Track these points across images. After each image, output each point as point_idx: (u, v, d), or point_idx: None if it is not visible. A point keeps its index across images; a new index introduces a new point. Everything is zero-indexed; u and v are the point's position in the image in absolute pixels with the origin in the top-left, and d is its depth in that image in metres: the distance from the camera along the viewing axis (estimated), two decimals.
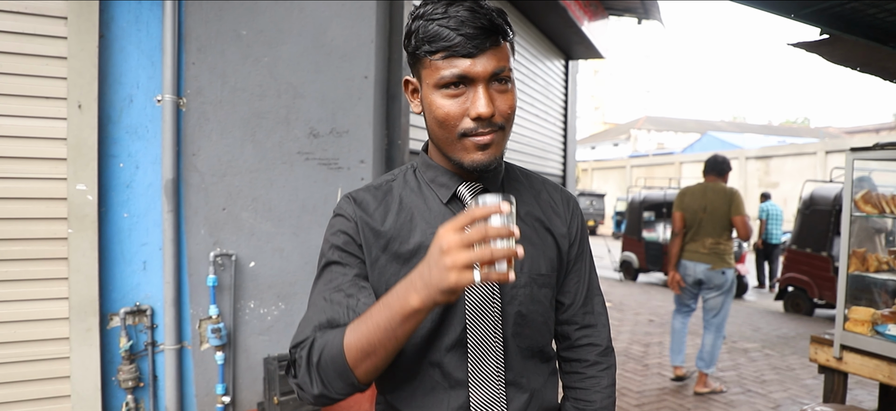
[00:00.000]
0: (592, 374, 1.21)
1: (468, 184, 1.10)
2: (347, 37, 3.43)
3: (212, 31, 3.00)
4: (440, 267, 0.82)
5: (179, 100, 2.92)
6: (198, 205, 2.98)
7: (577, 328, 1.22)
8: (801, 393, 4.91)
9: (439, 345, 1.06)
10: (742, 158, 22.70)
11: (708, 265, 4.64)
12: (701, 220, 4.68)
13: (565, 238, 1.20)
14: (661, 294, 10.17)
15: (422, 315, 0.87)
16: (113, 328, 2.77)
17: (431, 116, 1.02)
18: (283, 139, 3.23)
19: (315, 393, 0.95)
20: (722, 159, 4.84)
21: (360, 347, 0.91)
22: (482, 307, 1.06)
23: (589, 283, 1.24)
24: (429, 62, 0.99)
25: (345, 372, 0.93)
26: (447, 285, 0.81)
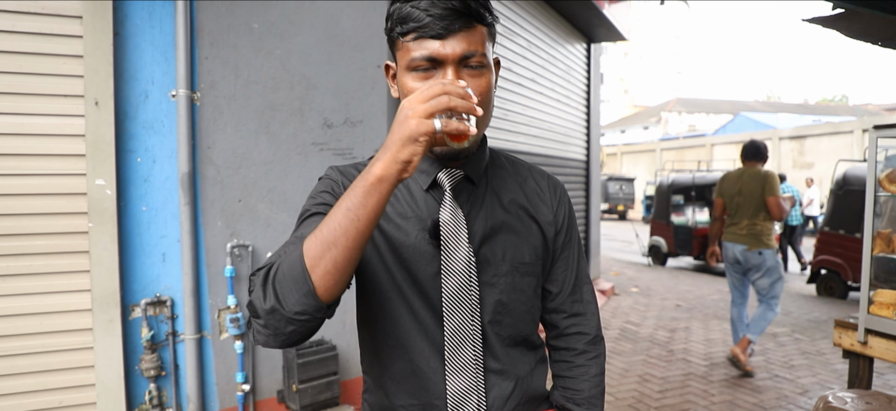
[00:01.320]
0: (581, 363, 1.20)
1: (448, 171, 1.09)
2: (359, 27, 3.44)
3: (224, 25, 3.04)
4: (401, 120, 0.82)
5: (193, 94, 2.96)
6: (214, 198, 3.03)
7: (565, 316, 1.21)
8: (830, 378, 4.80)
9: (417, 333, 1.06)
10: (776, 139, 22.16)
11: (745, 246, 4.75)
12: (738, 204, 4.82)
13: (551, 225, 1.18)
14: (689, 279, 10.02)
15: (384, 185, 0.83)
16: (134, 319, 2.85)
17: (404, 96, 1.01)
18: (297, 130, 3.27)
19: (266, 308, 0.85)
20: (759, 144, 4.95)
21: (319, 242, 0.84)
22: (459, 294, 1.06)
23: (577, 271, 1.23)
24: (401, 44, 1.00)
25: (301, 278, 0.84)
26: (406, 132, 0.81)
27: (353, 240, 0.84)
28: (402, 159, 0.81)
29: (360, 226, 0.83)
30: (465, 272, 1.06)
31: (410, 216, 1.07)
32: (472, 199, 1.11)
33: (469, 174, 1.11)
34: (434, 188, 1.10)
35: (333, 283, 0.85)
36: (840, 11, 2.85)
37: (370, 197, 0.83)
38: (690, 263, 12.17)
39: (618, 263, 11.75)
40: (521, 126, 5.88)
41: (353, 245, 0.84)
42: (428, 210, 1.08)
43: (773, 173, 4.74)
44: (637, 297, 8.15)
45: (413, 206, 1.08)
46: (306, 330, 0.88)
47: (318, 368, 3.08)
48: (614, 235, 18.62)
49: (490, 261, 1.09)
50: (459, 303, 1.06)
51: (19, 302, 2.62)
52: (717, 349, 5.60)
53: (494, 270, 1.09)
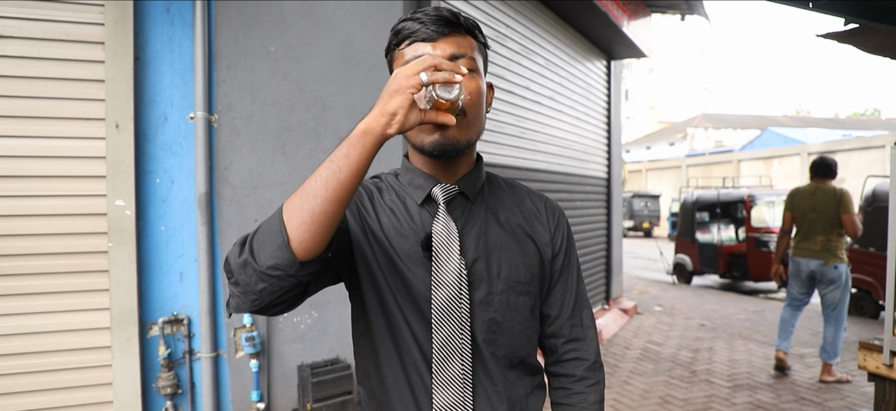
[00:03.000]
0: (579, 390, 1.19)
1: (442, 186, 1.11)
2: (375, 48, 3.48)
3: (241, 48, 3.11)
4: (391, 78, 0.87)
5: (211, 116, 3.03)
6: (231, 218, 3.08)
7: (564, 341, 1.21)
8: (859, 401, 4.66)
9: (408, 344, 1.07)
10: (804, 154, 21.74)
11: (820, 261, 4.93)
12: (811, 220, 4.99)
13: (548, 246, 1.19)
14: (715, 297, 9.84)
15: (369, 138, 0.85)
16: (152, 337, 2.90)
17: None
18: (312, 151, 3.31)
19: (239, 261, 0.86)
20: (830, 161, 5.11)
21: (298, 194, 0.85)
22: (449, 305, 1.06)
23: (576, 295, 1.23)
24: (397, 54, 1.06)
25: (277, 230, 0.84)
26: (394, 86, 0.85)
27: (332, 191, 0.84)
28: (389, 111, 0.84)
29: (341, 177, 0.84)
30: (455, 284, 1.06)
31: (406, 229, 1.09)
32: (467, 215, 1.13)
33: (464, 190, 1.14)
34: (429, 203, 1.12)
35: (309, 236, 0.84)
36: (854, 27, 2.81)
37: (354, 148, 0.85)
38: (716, 281, 11.95)
39: (642, 281, 11.60)
40: (540, 144, 5.87)
41: (332, 197, 0.84)
42: (423, 224, 1.10)
43: (848, 191, 4.91)
44: (660, 316, 8.02)
45: (408, 220, 1.10)
46: (278, 290, 0.87)
47: (332, 387, 3.09)
48: (639, 253, 18.39)
49: (485, 277, 1.10)
50: (449, 315, 1.06)
51: (40, 320, 2.69)
52: (741, 370, 5.48)
53: (489, 288, 1.10)
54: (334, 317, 3.32)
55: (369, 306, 1.09)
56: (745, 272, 10.47)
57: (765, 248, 10.10)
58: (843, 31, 2.89)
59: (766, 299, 9.80)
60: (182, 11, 2.95)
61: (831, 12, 2.60)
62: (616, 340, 6.60)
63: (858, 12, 2.61)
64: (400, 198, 1.13)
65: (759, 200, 10.87)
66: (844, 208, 4.82)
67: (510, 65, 5.07)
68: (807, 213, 5.02)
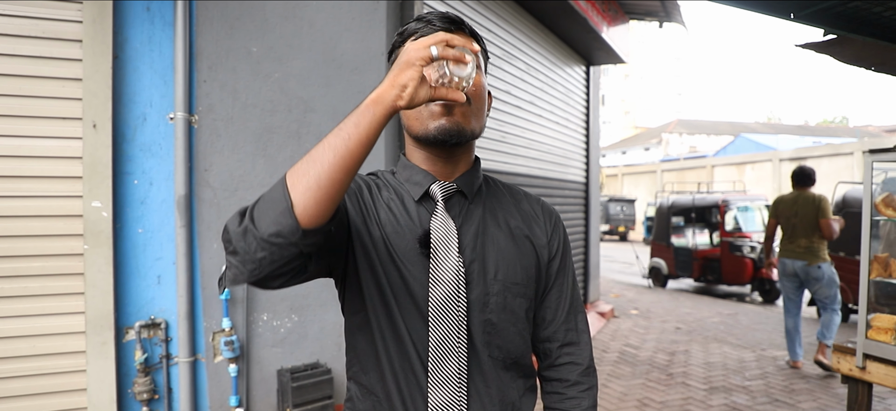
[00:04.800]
0: (573, 395, 1.19)
1: (441, 184, 1.12)
2: (357, 50, 3.46)
3: (222, 49, 3.07)
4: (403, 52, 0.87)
5: (191, 117, 2.98)
6: (210, 220, 3.04)
7: (558, 346, 1.21)
8: (831, 402, 4.76)
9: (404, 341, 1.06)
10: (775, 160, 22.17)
11: (805, 262, 5.35)
12: (794, 225, 5.42)
13: (545, 249, 1.19)
14: (690, 301, 9.97)
15: (379, 107, 0.84)
16: (128, 341, 2.84)
17: None
18: (294, 153, 3.28)
19: (238, 229, 0.83)
20: (808, 170, 5.57)
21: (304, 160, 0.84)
22: (447, 303, 1.05)
23: (571, 300, 1.23)
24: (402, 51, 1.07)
25: (280, 197, 0.82)
26: (404, 58, 0.85)
27: (340, 157, 0.82)
28: (400, 83, 0.84)
29: (350, 145, 0.82)
30: (453, 282, 1.06)
31: (403, 225, 1.09)
32: (465, 213, 1.13)
33: (462, 188, 1.14)
34: (426, 200, 1.12)
35: (314, 203, 0.82)
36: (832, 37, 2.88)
37: (363, 116, 0.83)
38: (691, 285, 12.11)
39: (618, 285, 11.71)
40: (520, 148, 5.90)
41: (340, 164, 0.82)
42: (420, 221, 1.09)
43: (826, 198, 5.35)
44: (637, 320, 8.11)
45: (405, 217, 1.10)
46: (279, 260, 0.84)
47: (312, 392, 3.06)
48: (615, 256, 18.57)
49: (481, 277, 1.10)
50: (447, 313, 1.05)
51: (13, 324, 2.62)
52: (716, 373, 5.56)
53: (485, 288, 1.09)
54: (314, 321, 3.29)
55: (366, 299, 1.08)
56: (719, 276, 10.63)
57: (738, 253, 10.26)
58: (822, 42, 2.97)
59: (740, 303, 9.97)
60: (162, 10, 2.90)
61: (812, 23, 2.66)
62: (593, 343, 6.64)
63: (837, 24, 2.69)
64: (397, 195, 1.13)
65: (733, 205, 11.06)
66: (822, 213, 5.23)
67: (492, 69, 5.09)
68: (790, 219, 5.44)
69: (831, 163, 19.64)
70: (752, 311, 8.94)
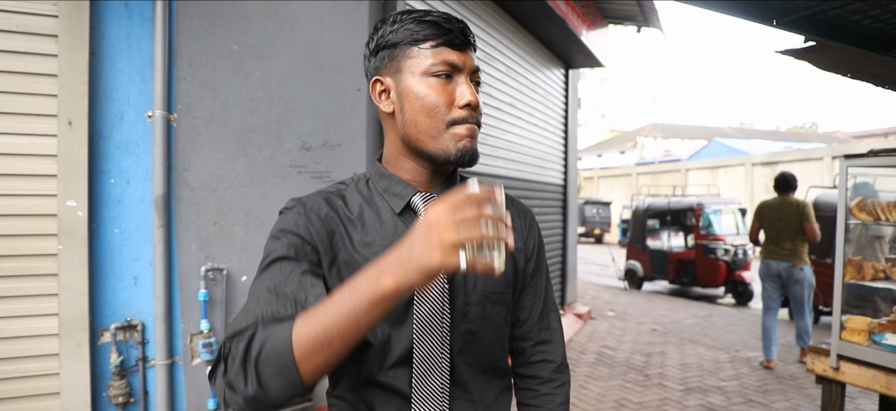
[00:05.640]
0: (546, 391, 1.20)
1: (423, 195, 1.08)
2: (339, 50, 3.45)
3: (203, 46, 3.03)
4: (426, 242, 0.76)
5: (170, 115, 2.94)
6: (189, 220, 3.00)
7: (532, 344, 1.22)
8: (803, 402, 4.87)
9: (385, 362, 1.03)
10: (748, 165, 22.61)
11: (789, 263, 5.70)
12: (778, 229, 5.75)
13: (521, 253, 1.19)
14: (665, 303, 10.11)
15: (393, 301, 0.79)
16: (103, 344, 2.79)
17: (419, 105, 1.01)
18: (274, 153, 3.25)
19: (248, 394, 0.82)
20: (789, 176, 5.92)
21: (313, 337, 0.80)
22: (431, 322, 1.04)
23: (545, 299, 1.23)
24: (416, 51, 1.02)
25: (288, 368, 0.81)
26: (431, 264, 0.76)
27: (348, 343, 0.81)
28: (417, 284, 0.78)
29: (360, 330, 0.81)
30: (438, 299, 1.04)
31: (378, 245, 1.04)
32: None
33: None
34: (406, 212, 1.08)
35: (321, 373, 0.84)
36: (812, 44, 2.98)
37: (376, 308, 0.79)
38: (666, 287, 12.29)
39: (594, 287, 11.83)
40: (499, 150, 5.93)
41: (348, 345, 0.82)
42: (398, 235, 1.05)
43: (808, 203, 5.74)
44: (613, 321, 8.20)
45: (381, 233, 1.05)
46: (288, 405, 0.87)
47: None
48: (591, 259, 18.75)
49: (461, 289, 1.08)
50: (430, 331, 1.04)
51: None
52: (692, 374, 5.65)
53: (465, 299, 1.08)
54: None
55: None
56: (694, 278, 10.81)
57: (712, 255, 10.44)
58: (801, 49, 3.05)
59: (714, 304, 10.14)
60: (141, 6, 2.86)
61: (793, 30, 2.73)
62: (571, 345, 6.71)
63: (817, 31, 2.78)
64: (371, 207, 1.08)
65: (708, 209, 11.25)
66: (805, 218, 5.60)
67: None
68: (774, 223, 5.78)
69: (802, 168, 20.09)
70: (725, 313, 9.11)
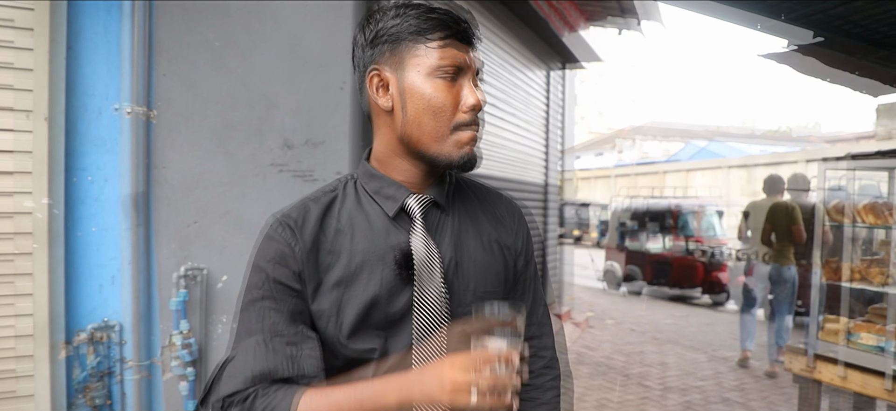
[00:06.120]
0: (538, 385, 1.19)
1: (417, 197, 1.06)
2: (323, 46, 3.41)
3: (182, 41, 2.99)
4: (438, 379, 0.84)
5: (149, 111, 2.90)
6: (167, 219, 2.95)
7: None
8: (779, 401, 4.97)
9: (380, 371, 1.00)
10: (724, 167, 22.94)
11: (776, 264, 5.93)
12: (767, 230, 5.96)
13: (512, 250, 1.17)
14: (644, 304, 10.23)
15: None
16: (79, 345, 2.72)
17: (424, 105, 0.97)
18: (255, 151, 3.21)
19: None
20: (778, 178, 6.28)
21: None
22: (430, 327, 1.02)
23: (534, 295, 1.22)
24: (423, 48, 0.97)
25: None
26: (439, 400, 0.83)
27: None
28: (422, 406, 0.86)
29: None
30: (437, 306, 1.02)
31: (371, 252, 1.01)
32: (440, 227, 1.07)
33: (436, 199, 1.08)
34: (400, 216, 1.05)
35: None
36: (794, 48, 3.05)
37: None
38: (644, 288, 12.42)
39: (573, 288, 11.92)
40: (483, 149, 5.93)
41: None
42: (391, 240, 1.02)
43: (796, 206, 5.96)
44: (593, 322, 8.27)
45: (372, 240, 1.02)
46: None
47: None
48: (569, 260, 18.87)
49: (456, 292, 1.06)
50: (429, 337, 1.02)
51: None
52: (671, 373, 5.73)
53: (459, 300, 1.06)
54: None
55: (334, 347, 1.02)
56: (671, 279, 10.95)
57: (690, 256, 10.59)
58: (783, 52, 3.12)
59: (691, 305, 10.29)
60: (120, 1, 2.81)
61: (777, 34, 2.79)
62: None
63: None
64: (361, 212, 1.04)
65: (686, 210, 11.41)
66: (794, 220, 5.82)
67: None
68: (764, 224, 5.99)
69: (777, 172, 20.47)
70: (702, 314, 9.25)
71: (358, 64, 1.05)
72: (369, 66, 1.02)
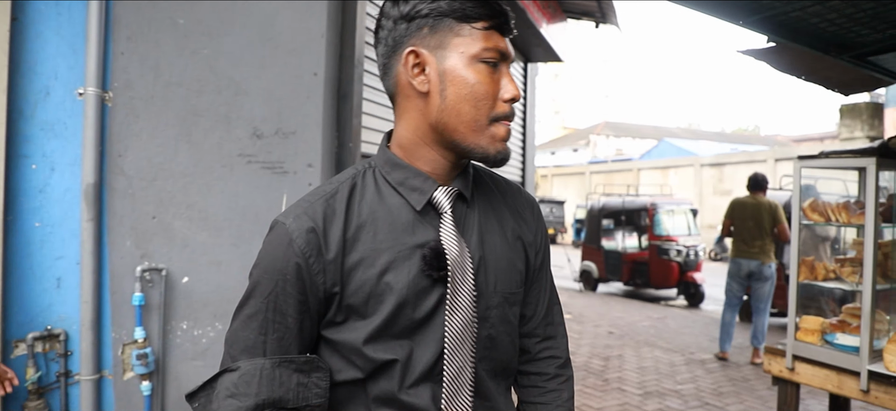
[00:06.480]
0: (552, 388, 1.16)
1: (444, 190, 0.98)
2: (296, 30, 3.23)
3: (144, 18, 2.76)
4: None
5: (105, 94, 2.66)
6: (123, 213, 2.72)
7: (538, 341, 1.16)
8: (756, 404, 4.98)
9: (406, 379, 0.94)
10: (697, 166, 23.26)
11: (759, 261, 6.01)
12: (750, 228, 6.05)
13: (532, 247, 1.12)
14: (620, 305, 10.22)
15: None
16: (18, 357, 2.46)
17: (467, 92, 0.92)
18: (222, 139, 3.00)
19: None
20: (760, 177, 6.30)
21: None
22: (463, 333, 0.96)
23: (550, 293, 1.18)
24: (468, 31, 0.92)
25: None
26: None
27: None
28: None
29: None
30: (469, 307, 0.96)
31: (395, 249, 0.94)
32: (466, 222, 1.02)
33: (462, 191, 1.01)
34: (426, 209, 0.98)
35: None
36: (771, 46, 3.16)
37: None
38: (621, 289, 12.42)
39: None
40: None
41: None
42: (417, 237, 0.95)
43: (779, 205, 6.09)
44: (570, 324, 8.20)
45: (397, 236, 0.95)
46: None
47: None
48: None
49: (483, 292, 1.00)
50: (462, 343, 0.96)
51: None
52: (650, 377, 5.68)
53: (486, 303, 1.01)
54: None
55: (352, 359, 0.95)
56: (648, 279, 10.95)
57: (666, 256, 10.60)
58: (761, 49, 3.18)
59: (667, 306, 10.32)
60: None
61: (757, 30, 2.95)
62: None
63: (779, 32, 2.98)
64: (384, 204, 0.96)
65: (661, 209, 11.42)
66: (777, 219, 5.97)
67: None
68: (746, 221, 6.07)
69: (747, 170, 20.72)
70: (678, 315, 9.27)
71: (386, 39, 0.96)
72: (404, 43, 0.95)
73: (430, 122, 0.95)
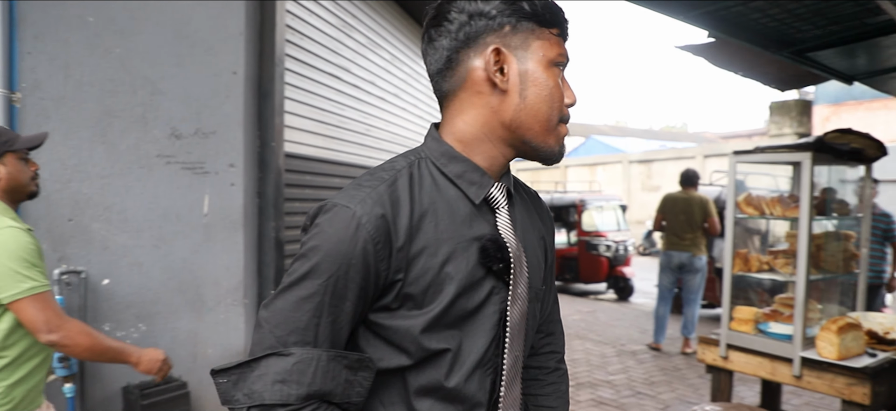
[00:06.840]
0: (552, 381, 1.28)
1: (498, 186, 1.05)
2: (213, 28, 3.34)
3: (52, 16, 2.83)
4: None
5: (12, 95, 2.73)
6: (37, 217, 2.78)
7: (542, 336, 1.28)
8: (688, 392, 5.34)
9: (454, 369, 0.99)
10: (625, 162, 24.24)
11: (690, 253, 6.45)
12: (681, 221, 6.47)
13: (550, 248, 1.23)
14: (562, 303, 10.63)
15: None
16: None
17: (546, 93, 0.99)
18: (139, 140, 3.09)
19: None
20: (692, 173, 6.68)
21: None
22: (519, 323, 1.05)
23: (555, 292, 1.30)
24: (547, 34, 1.00)
25: None
26: None
27: None
28: None
29: None
30: (525, 298, 1.05)
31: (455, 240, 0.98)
32: (512, 217, 1.08)
33: (509, 188, 1.09)
34: (483, 205, 1.03)
35: None
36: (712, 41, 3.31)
37: None
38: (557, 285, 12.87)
39: None
40: (383, 142, 5.97)
41: None
42: (474, 229, 1.00)
43: (710, 199, 6.56)
44: None
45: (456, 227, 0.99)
46: None
47: (167, 408, 2.91)
48: None
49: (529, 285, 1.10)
50: (519, 333, 1.05)
51: None
52: (581, 369, 6.01)
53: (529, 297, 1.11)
54: (165, 330, 3.12)
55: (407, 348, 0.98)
56: (577, 274, 11.44)
57: (595, 252, 11.13)
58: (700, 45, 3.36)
59: (597, 300, 10.83)
60: None
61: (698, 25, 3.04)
62: None
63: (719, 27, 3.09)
64: (442, 195, 1.00)
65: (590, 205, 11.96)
66: (709, 213, 6.41)
67: (356, 58, 5.12)
68: (678, 216, 6.48)
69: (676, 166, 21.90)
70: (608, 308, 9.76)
71: (456, 32, 0.99)
72: (483, 39, 0.98)
73: (504, 120, 0.99)
